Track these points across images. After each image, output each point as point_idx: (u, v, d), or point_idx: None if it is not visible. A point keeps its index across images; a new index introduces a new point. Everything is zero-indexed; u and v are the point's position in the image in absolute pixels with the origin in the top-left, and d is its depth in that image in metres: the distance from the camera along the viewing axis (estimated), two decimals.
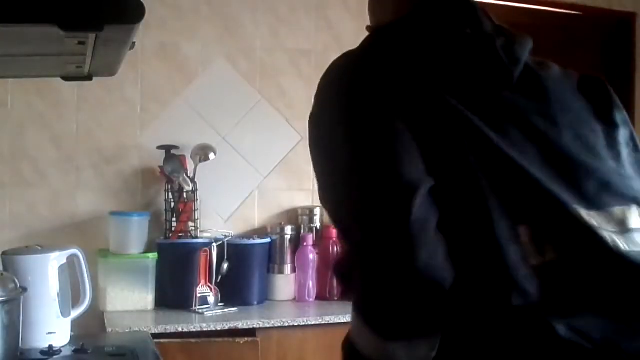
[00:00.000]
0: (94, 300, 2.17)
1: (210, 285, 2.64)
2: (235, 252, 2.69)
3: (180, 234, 2.71)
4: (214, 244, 2.65)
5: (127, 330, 2.31)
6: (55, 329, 1.89)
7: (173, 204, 2.72)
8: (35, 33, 1.00)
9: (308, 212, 2.93)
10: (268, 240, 2.79)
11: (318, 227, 2.91)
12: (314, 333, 2.50)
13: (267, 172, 2.98)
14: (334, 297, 2.81)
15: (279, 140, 2.99)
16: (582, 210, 1.00)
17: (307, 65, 3.03)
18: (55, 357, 1.81)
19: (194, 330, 2.38)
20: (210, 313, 2.55)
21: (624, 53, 3.60)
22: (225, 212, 2.91)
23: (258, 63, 2.97)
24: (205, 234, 2.76)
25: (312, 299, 2.78)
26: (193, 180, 2.73)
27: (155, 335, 2.22)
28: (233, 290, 2.67)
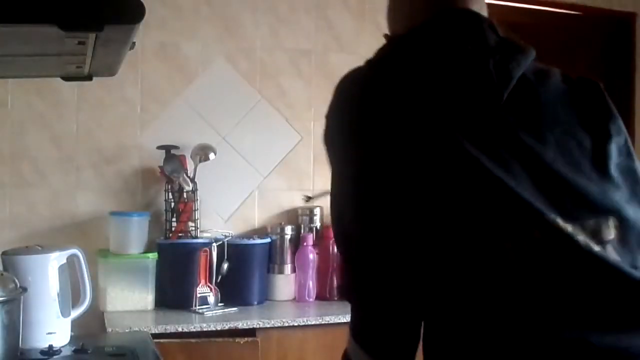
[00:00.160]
0: (94, 300, 2.17)
1: (210, 285, 2.64)
2: (235, 252, 2.69)
3: (180, 234, 2.71)
4: (214, 244, 2.65)
5: (127, 330, 2.30)
6: (55, 329, 1.89)
7: (173, 204, 2.72)
8: (35, 33, 1.00)
9: (308, 212, 2.93)
10: (268, 240, 2.79)
11: (318, 227, 2.91)
12: (314, 333, 2.50)
13: (267, 172, 2.98)
14: (334, 297, 2.81)
15: (279, 140, 2.99)
16: (558, 219, 1.06)
17: (307, 65, 3.03)
18: (55, 357, 1.81)
19: (194, 330, 2.38)
20: (210, 313, 2.55)
21: (624, 53, 3.60)
22: (225, 212, 2.91)
23: (258, 63, 2.97)
24: (205, 234, 2.76)
25: (312, 299, 2.78)
26: (193, 180, 2.73)
27: (155, 335, 2.22)
28: (233, 290, 2.67)
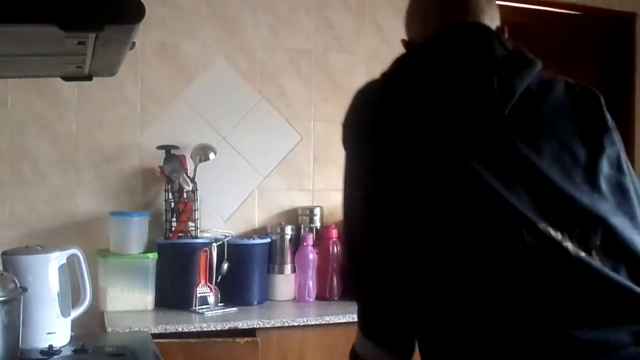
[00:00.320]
0: (94, 300, 2.17)
1: (210, 285, 2.64)
2: (235, 252, 2.69)
3: (180, 234, 2.71)
4: (214, 244, 2.65)
5: (127, 330, 2.30)
6: (55, 329, 1.89)
7: (173, 204, 2.72)
8: (35, 33, 1.00)
9: (308, 212, 2.93)
10: (268, 240, 2.79)
11: (318, 227, 2.91)
12: (314, 333, 2.50)
13: (267, 172, 2.98)
14: (334, 297, 2.81)
15: (279, 140, 2.99)
16: (549, 228, 1.15)
17: (307, 65, 3.03)
18: (55, 357, 1.81)
19: (194, 330, 2.38)
20: (210, 313, 2.55)
21: (624, 53, 3.60)
22: (225, 212, 2.91)
23: (258, 63, 2.97)
24: (205, 234, 2.76)
25: (312, 299, 2.78)
26: (193, 180, 2.73)
27: (155, 335, 2.22)
28: (233, 290, 2.67)
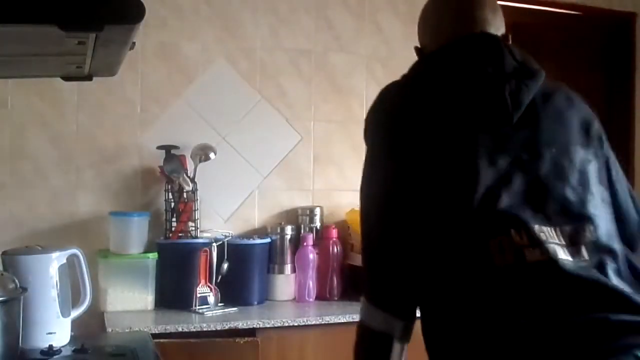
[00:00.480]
0: (94, 300, 2.17)
1: (210, 285, 2.64)
2: (235, 252, 2.69)
3: (180, 234, 2.71)
4: (214, 244, 2.65)
5: (127, 330, 2.30)
6: (55, 329, 1.89)
7: (173, 204, 2.72)
8: (35, 33, 1.01)
9: (308, 212, 2.93)
10: (268, 240, 2.79)
11: (318, 227, 2.91)
12: (314, 333, 2.50)
13: (267, 172, 2.98)
14: (334, 297, 2.81)
15: (279, 140, 2.99)
16: (536, 227, 1.26)
17: (307, 65, 3.03)
18: (55, 357, 1.81)
19: (194, 330, 2.38)
20: (210, 313, 2.55)
21: (624, 53, 3.60)
22: (225, 212, 2.91)
23: (258, 63, 2.97)
24: (205, 234, 2.76)
25: (312, 299, 2.78)
26: (193, 180, 2.73)
27: (155, 335, 2.22)
28: (233, 290, 2.67)
